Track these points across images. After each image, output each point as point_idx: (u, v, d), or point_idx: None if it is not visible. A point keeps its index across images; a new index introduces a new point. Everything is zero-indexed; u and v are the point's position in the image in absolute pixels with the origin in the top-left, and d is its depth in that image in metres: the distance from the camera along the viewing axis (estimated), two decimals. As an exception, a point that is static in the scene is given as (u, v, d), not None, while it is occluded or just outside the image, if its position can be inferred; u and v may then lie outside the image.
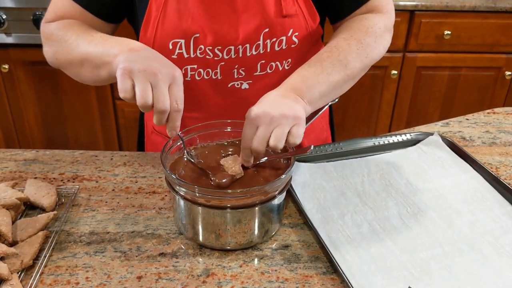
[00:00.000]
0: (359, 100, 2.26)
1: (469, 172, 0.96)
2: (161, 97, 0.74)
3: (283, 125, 0.77)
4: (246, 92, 0.99)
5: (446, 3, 2.01)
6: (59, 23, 0.93)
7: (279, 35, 0.94)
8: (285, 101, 0.81)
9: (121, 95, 0.75)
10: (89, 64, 0.86)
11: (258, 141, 0.77)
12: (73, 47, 0.88)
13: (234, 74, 0.97)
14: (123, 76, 0.75)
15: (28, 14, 1.95)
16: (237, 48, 0.93)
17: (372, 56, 0.95)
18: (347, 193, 0.91)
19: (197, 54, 0.93)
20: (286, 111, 0.78)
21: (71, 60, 0.89)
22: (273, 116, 0.77)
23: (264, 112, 0.77)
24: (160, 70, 0.75)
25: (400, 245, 0.79)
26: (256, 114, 0.78)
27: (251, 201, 0.75)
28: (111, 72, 0.81)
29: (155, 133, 1.12)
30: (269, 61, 0.97)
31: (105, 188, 0.94)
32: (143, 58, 0.77)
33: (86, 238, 0.82)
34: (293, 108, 0.80)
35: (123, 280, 0.74)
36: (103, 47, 0.84)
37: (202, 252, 0.79)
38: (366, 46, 0.93)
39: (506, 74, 2.19)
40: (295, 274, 0.75)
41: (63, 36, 0.90)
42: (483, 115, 1.22)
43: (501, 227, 0.82)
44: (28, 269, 0.75)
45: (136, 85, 0.74)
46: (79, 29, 0.90)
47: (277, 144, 0.76)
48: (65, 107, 2.20)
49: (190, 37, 0.91)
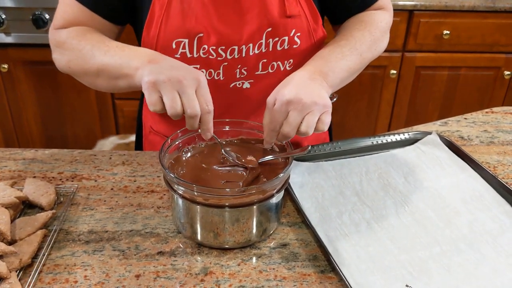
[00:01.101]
0: (359, 99, 2.26)
1: (467, 171, 0.96)
2: (191, 103, 0.75)
3: (314, 112, 0.78)
4: (247, 91, 0.99)
5: (445, 3, 2.02)
6: (71, 31, 0.92)
7: (281, 35, 0.94)
8: (313, 86, 0.82)
9: (151, 109, 0.76)
10: (107, 75, 0.86)
11: (290, 126, 0.79)
12: (89, 57, 0.87)
13: (236, 74, 0.97)
14: (150, 90, 0.76)
15: (27, 14, 1.95)
16: (240, 48, 0.93)
17: (379, 49, 0.99)
18: (345, 192, 0.91)
19: (200, 54, 0.93)
20: (317, 99, 0.79)
21: (86, 70, 0.89)
22: (305, 103, 0.78)
23: (297, 97, 0.78)
24: (185, 76, 0.76)
25: (398, 244, 0.79)
26: (288, 99, 0.78)
27: (249, 200, 0.75)
28: (131, 84, 0.83)
29: (153, 132, 1.12)
30: (271, 60, 0.97)
31: (103, 187, 0.94)
32: (166, 69, 0.78)
33: (84, 236, 0.82)
34: (322, 95, 0.81)
35: (122, 278, 0.74)
36: (121, 59, 0.84)
37: (201, 250, 0.79)
38: (376, 39, 0.97)
39: (505, 73, 2.19)
40: (293, 272, 0.75)
41: (76, 45, 0.89)
42: (482, 114, 1.22)
43: (499, 226, 0.83)
44: (27, 268, 0.75)
45: (164, 96, 0.75)
46: (92, 38, 0.90)
47: (308, 131, 0.78)
48: (64, 107, 2.20)
49: (194, 36, 0.91)
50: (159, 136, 1.10)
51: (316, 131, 0.80)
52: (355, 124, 2.34)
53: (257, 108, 1.03)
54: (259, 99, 1.01)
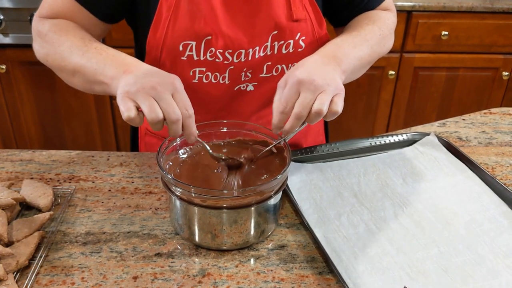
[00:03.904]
0: (357, 100, 2.26)
1: (465, 172, 0.96)
2: (170, 108, 0.73)
3: (327, 91, 0.75)
4: (251, 94, 1.00)
5: (443, 4, 2.02)
6: (54, 24, 0.91)
7: (287, 38, 0.94)
8: (326, 69, 0.80)
9: (125, 116, 0.73)
10: (82, 77, 0.85)
11: (303, 105, 0.75)
12: (66, 55, 0.86)
13: (241, 77, 0.97)
14: (124, 100, 0.74)
15: (25, 14, 1.95)
16: (247, 51, 0.93)
17: (387, 46, 0.98)
18: (343, 193, 0.91)
19: (207, 57, 0.92)
20: (330, 80, 0.76)
21: (62, 67, 0.88)
22: (317, 83, 0.75)
23: (309, 77, 0.75)
24: (159, 82, 0.74)
25: (396, 245, 0.79)
26: (300, 79, 0.75)
27: (247, 201, 0.75)
28: (107, 91, 0.82)
29: (149, 134, 1.12)
30: (276, 63, 0.97)
31: (101, 189, 0.94)
32: (139, 77, 0.76)
33: (82, 238, 0.81)
34: (335, 78, 0.78)
35: (119, 280, 0.73)
36: (97, 64, 0.82)
37: (198, 252, 0.79)
38: (385, 36, 0.97)
39: (503, 74, 2.19)
40: (291, 274, 0.75)
41: (57, 40, 0.88)
42: (480, 115, 1.22)
43: (497, 227, 0.83)
44: (24, 270, 0.74)
45: (140, 104, 0.73)
46: (74, 35, 0.88)
47: (321, 108, 0.74)
48: (62, 107, 2.20)
49: (202, 39, 0.90)
50: (156, 138, 1.10)
51: (330, 113, 0.76)
52: (353, 125, 2.34)
53: (260, 110, 1.03)
54: (262, 101, 1.01)
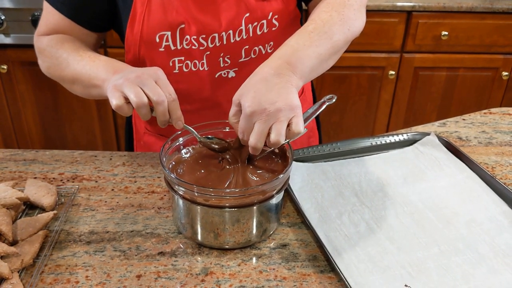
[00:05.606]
0: (357, 100, 2.27)
1: (466, 172, 0.97)
2: (154, 90, 0.79)
3: (281, 119, 0.74)
4: (233, 80, 1.01)
5: (443, 4, 2.02)
6: (51, 39, 0.98)
7: (260, 18, 0.96)
8: (278, 86, 0.77)
9: (114, 104, 0.79)
10: (80, 84, 0.93)
11: (257, 138, 0.75)
12: (64, 65, 0.94)
13: (220, 63, 0.98)
14: (112, 91, 0.80)
15: (26, 14, 1.95)
16: (220, 35, 0.95)
17: (353, 29, 0.92)
18: (344, 192, 0.92)
19: (184, 45, 0.95)
20: (281, 104, 0.74)
21: (63, 77, 0.96)
22: (269, 112, 0.74)
23: (260, 107, 0.74)
24: (143, 72, 0.81)
25: (397, 244, 0.79)
26: (251, 112, 0.75)
27: (249, 201, 0.76)
28: (101, 93, 0.88)
29: (147, 133, 1.12)
30: (252, 46, 0.98)
31: (104, 188, 0.94)
32: (126, 73, 0.82)
33: (85, 237, 0.82)
34: (288, 97, 0.76)
35: (123, 279, 0.74)
36: (91, 69, 0.90)
37: (201, 251, 0.80)
38: (348, 19, 0.91)
39: (503, 74, 2.20)
40: (293, 272, 0.76)
41: (55, 53, 0.96)
42: (480, 115, 1.23)
43: (497, 226, 0.83)
44: (29, 268, 0.75)
45: (126, 92, 0.79)
46: (69, 47, 0.95)
47: (278, 139, 0.74)
48: (63, 108, 2.20)
49: (176, 28, 0.93)
50: (155, 136, 1.11)
51: (292, 135, 0.76)
52: (354, 125, 2.35)
53: None
54: None
